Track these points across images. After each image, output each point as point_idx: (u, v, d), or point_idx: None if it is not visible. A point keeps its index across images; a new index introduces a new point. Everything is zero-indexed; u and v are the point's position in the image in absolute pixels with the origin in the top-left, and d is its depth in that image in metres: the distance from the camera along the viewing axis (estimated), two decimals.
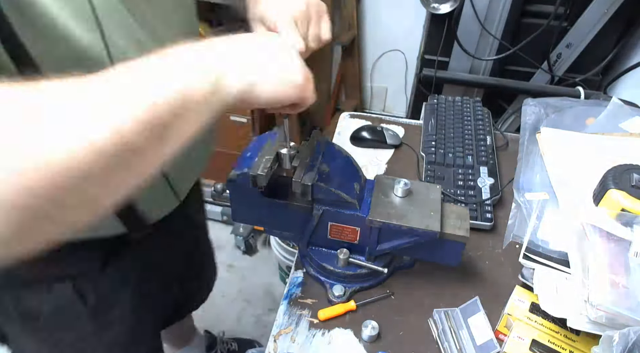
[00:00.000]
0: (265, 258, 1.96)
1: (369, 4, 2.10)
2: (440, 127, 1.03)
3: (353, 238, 0.71)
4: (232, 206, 0.73)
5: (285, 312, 0.71)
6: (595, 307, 0.58)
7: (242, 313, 1.79)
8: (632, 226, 0.65)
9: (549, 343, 0.63)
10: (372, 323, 0.67)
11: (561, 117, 0.98)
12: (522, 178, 0.86)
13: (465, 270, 0.77)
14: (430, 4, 1.27)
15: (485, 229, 0.84)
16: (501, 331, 0.66)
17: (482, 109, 1.09)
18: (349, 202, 0.67)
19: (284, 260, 1.65)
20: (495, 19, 1.31)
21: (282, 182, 0.69)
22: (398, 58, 2.19)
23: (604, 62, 1.37)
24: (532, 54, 1.33)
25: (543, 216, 0.77)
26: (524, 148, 0.93)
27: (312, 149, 0.70)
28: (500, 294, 0.71)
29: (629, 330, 0.53)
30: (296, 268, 0.78)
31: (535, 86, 1.41)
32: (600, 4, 1.25)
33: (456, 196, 0.87)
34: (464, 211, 0.70)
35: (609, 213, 0.67)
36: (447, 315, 0.68)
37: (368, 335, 0.67)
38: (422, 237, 0.66)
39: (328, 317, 0.70)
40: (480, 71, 1.43)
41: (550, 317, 0.64)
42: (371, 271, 0.72)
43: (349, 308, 0.71)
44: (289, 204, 0.69)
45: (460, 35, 1.33)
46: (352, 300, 0.72)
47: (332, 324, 0.70)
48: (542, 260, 0.70)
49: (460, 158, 0.94)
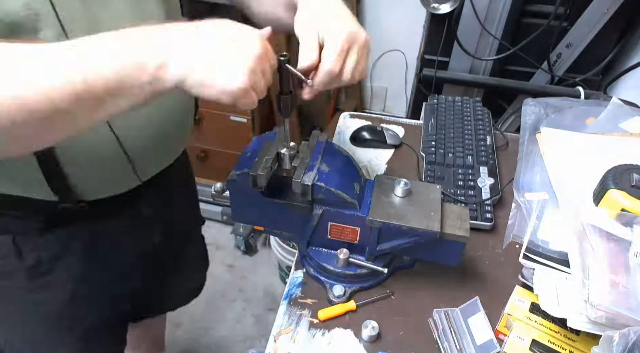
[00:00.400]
0: (265, 258, 1.96)
1: (369, 4, 2.10)
2: (440, 127, 1.03)
3: (353, 238, 0.71)
4: (232, 206, 0.73)
5: (285, 312, 0.71)
6: (595, 307, 0.58)
7: (242, 313, 1.79)
8: (632, 226, 0.65)
9: (549, 343, 0.63)
10: (372, 323, 0.67)
11: (561, 117, 0.98)
12: (522, 178, 0.86)
13: (465, 270, 0.77)
14: (430, 4, 1.27)
15: (485, 229, 0.84)
16: (501, 331, 0.66)
17: (482, 109, 1.09)
18: (349, 202, 0.67)
19: (284, 260, 1.65)
20: (495, 19, 1.31)
21: (282, 182, 0.69)
22: (398, 58, 2.19)
23: (604, 62, 1.36)
24: (532, 54, 1.33)
25: (543, 216, 0.77)
26: (524, 148, 0.93)
27: (312, 149, 0.70)
28: (500, 294, 0.71)
29: (629, 330, 0.53)
30: (296, 268, 0.78)
31: (535, 86, 1.41)
32: (600, 4, 1.25)
33: (456, 196, 0.87)
34: (464, 211, 0.70)
35: (609, 213, 0.67)
36: (447, 315, 0.68)
37: (368, 335, 0.67)
38: (422, 237, 0.66)
39: (328, 317, 0.70)
40: (480, 71, 1.43)
41: (550, 317, 0.64)
42: (371, 271, 0.72)
43: (349, 308, 0.71)
44: (289, 204, 0.69)
45: (460, 35, 1.33)
46: (352, 300, 0.72)
47: (332, 324, 0.70)
48: (542, 260, 0.70)
49: (460, 158, 0.95)
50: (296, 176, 0.65)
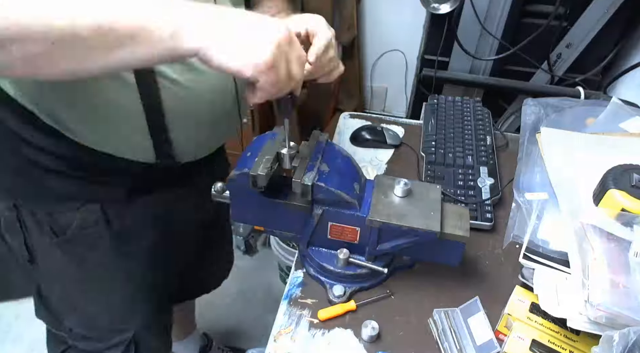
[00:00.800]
0: (265, 258, 1.96)
1: (369, 4, 2.10)
2: (440, 127, 1.03)
3: (353, 238, 0.71)
4: (232, 206, 0.73)
5: (285, 312, 0.71)
6: (595, 307, 0.58)
7: (242, 313, 1.79)
8: (632, 226, 0.65)
9: (549, 343, 0.63)
10: (372, 323, 0.67)
11: (561, 117, 0.98)
12: (522, 178, 0.86)
13: (465, 270, 0.77)
14: (430, 4, 1.27)
15: (485, 229, 0.84)
16: (501, 331, 0.66)
17: (482, 109, 1.09)
18: (349, 202, 0.67)
19: (284, 260, 1.65)
20: (495, 19, 1.31)
21: (282, 182, 0.69)
22: (398, 58, 2.19)
23: (604, 62, 1.36)
24: (532, 54, 1.33)
25: (543, 216, 0.77)
26: (524, 148, 0.93)
27: (312, 149, 0.70)
28: (500, 294, 0.71)
29: (629, 330, 0.52)
30: (296, 268, 0.78)
31: (535, 86, 1.41)
32: (600, 4, 1.24)
33: (456, 196, 0.87)
34: (464, 211, 0.70)
35: (609, 213, 0.67)
36: (447, 315, 0.68)
37: (368, 335, 0.67)
38: (422, 237, 0.66)
39: (328, 317, 0.70)
40: (480, 71, 1.43)
41: (550, 317, 0.64)
42: (371, 271, 0.72)
43: (349, 309, 0.71)
44: (289, 204, 0.69)
45: (460, 35, 1.33)
46: (352, 300, 0.72)
47: (332, 324, 0.70)
48: (542, 260, 0.70)
49: (460, 158, 0.95)
50: (296, 176, 0.65)
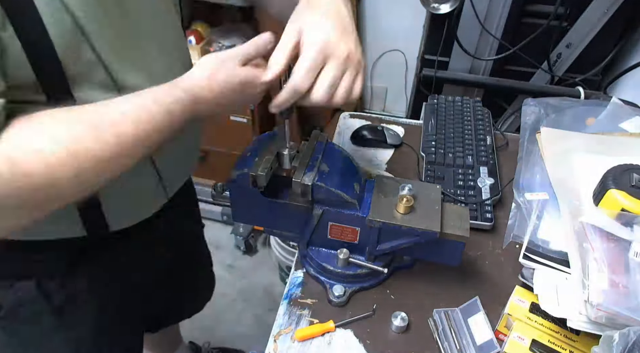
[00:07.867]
0: (265, 258, 1.96)
1: (369, 4, 2.10)
2: (440, 127, 1.03)
3: (353, 238, 0.71)
4: (232, 206, 0.73)
5: (285, 312, 0.71)
6: (595, 307, 0.58)
7: (242, 313, 1.79)
8: (632, 226, 0.65)
9: (549, 343, 0.63)
10: (402, 315, 0.68)
11: (561, 117, 0.98)
12: (522, 178, 0.86)
13: (465, 270, 0.77)
14: (430, 4, 1.27)
15: (485, 229, 0.84)
16: (501, 331, 0.66)
17: (482, 109, 1.09)
18: (349, 202, 0.67)
19: (284, 260, 1.65)
20: (495, 19, 1.31)
21: (282, 182, 0.69)
22: (398, 58, 2.19)
23: (604, 62, 1.36)
24: (532, 54, 1.33)
25: (543, 216, 0.77)
26: (524, 148, 0.93)
27: (312, 149, 0.70)
28: (500, 294, 0.71)
29: (629, 330, 0.52)
30: (296, 268, 0.78)
31: (535, 86, 1.41)
32: (600, 4, 1.24)
33: (456, 196, 0.87)
34: (464, 211, 0.70)
35: (609, 213, 0.67)
36: (447, 315, 0.68)
37: (397, 326, 0.68)
38: (422, 237, 0.66)
39: (304, 337, 0.68)
40: (480, 71, 1.43)
41: (550, 317, 0.64)
42: (371, 271, 0.72)
43: (327, 329, 0.69)
44: (289, 204, 0.69)
45: (460, 35, 1.33)
46: (331, 320, 0.69)
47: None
48: (542, 260, 0.70)
49: (460, 158, 0.94)
50: (296, 176, 0.65)
